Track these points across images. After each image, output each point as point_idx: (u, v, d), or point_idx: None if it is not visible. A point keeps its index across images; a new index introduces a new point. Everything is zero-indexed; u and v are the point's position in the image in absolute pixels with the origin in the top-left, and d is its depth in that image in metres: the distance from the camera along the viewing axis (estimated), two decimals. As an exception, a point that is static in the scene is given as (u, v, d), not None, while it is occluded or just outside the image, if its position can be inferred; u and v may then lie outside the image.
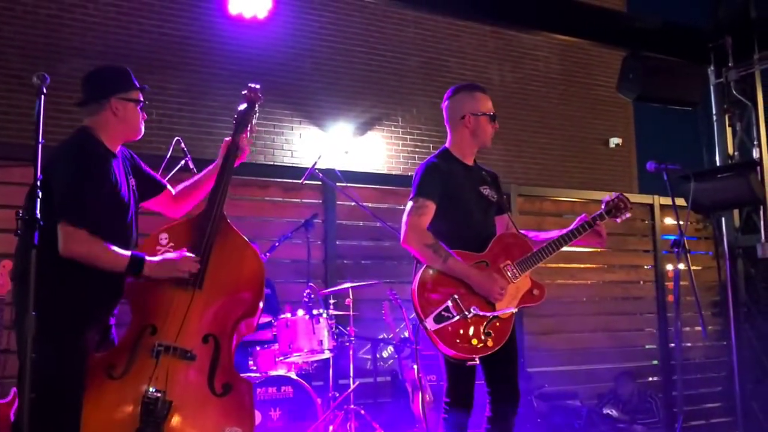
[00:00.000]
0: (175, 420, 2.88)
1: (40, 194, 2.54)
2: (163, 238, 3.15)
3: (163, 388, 2.88)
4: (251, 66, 8.72)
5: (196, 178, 3.45)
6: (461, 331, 3.27)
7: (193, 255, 3.07)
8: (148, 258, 3.00)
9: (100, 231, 2.92)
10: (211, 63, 8.79)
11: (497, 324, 3.33)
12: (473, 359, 3.30)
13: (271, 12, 6.68)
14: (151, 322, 3.01)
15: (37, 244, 2.52)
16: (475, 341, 3.27)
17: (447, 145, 3.70)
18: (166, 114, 8.33)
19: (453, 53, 10.42)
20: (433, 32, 10.31)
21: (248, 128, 3.39)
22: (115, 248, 2.94)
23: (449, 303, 3.29)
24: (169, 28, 8.65)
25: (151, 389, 2.85)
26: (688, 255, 3.97)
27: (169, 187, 3.45)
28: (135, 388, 2.88)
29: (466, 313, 3.28)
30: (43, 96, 2.61)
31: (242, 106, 3.42)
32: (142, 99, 3.22)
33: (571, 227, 3.60)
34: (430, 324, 3.25)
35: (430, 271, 3.34)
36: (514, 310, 3.40)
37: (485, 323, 3.31)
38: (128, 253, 2.97)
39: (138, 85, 3.23)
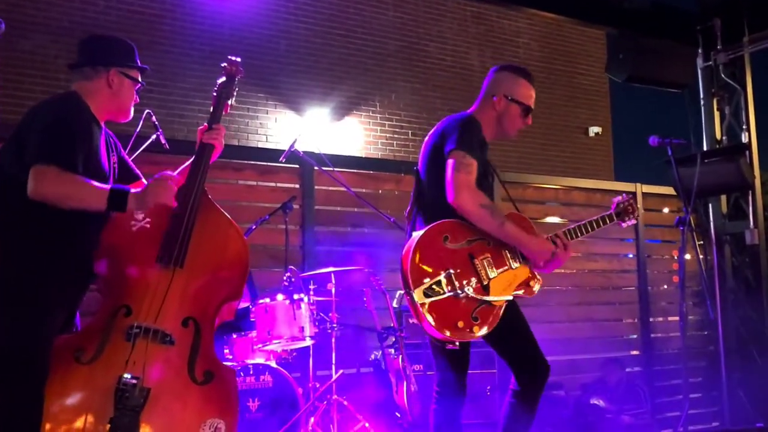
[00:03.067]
0: (153, 409, 2.60)
1: None
2: (139, 212, 2.88)
3: (139, 374, 2.61)
4: (225, 46, 8.40)
5: (179, 171, 3.18)
6: (448, 310, 3.02)
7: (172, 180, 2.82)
8: (132, 190, 2.72)
9: None
10: (183, 42, 8.50)
11: (487, 310, 3.10)
12: (453, 343, 3.07)
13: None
14: (125, 303, 2.74)
15: None
16: (461, 324, 3.02)
17: (470, 111, 3.42)
18: (135, 95, 8.01)
19: (433, 38, 10.20)
20: (413, 16, 10.09)
21: (228, 103, 3.17)
22: (93, 182, 2.65)
23: (442, 277, 3.04)
24: (140, 5, 8.33)
25: (126, 375, 2.58)
26: (695, 234, 3.78)
27: (144, 180, 3.18)
28: (106, 375, 2.61)
29: (459, 291, 3.04)
30: None
31: (221, 80, 3.19)
32: (141, 81, 3.05)
33: (580, 222, 3.44)
34: (417, 296, 2.99)
35: (431, 238, 3.09)
36: (509, 298, 3.18)
37: (475, 307, 3.07)
38: (107, 186, 2.68)
39: (140, 65, 3.05)
